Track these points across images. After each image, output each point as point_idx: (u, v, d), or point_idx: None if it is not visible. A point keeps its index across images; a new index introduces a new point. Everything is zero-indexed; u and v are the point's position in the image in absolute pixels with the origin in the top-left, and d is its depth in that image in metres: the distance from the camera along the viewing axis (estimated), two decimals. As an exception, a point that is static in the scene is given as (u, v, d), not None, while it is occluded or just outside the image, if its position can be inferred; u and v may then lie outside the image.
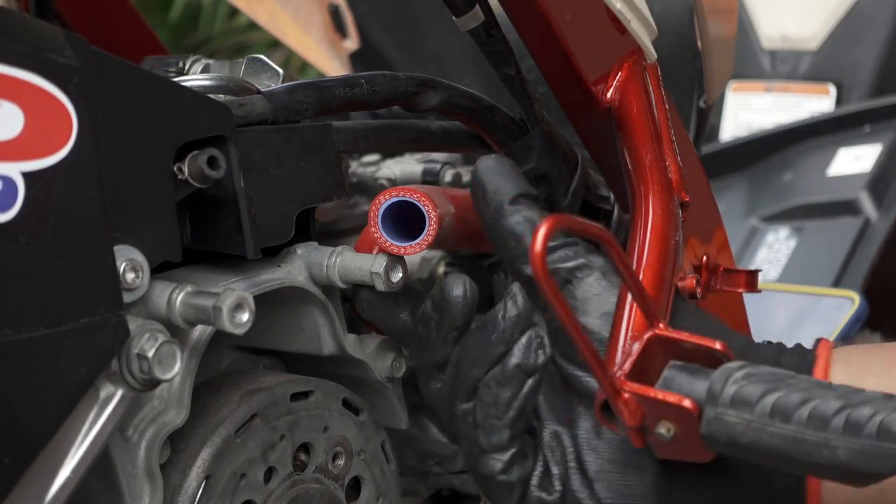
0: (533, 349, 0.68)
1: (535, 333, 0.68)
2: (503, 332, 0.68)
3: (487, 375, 0.68)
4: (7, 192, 0.54)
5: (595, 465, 0.69)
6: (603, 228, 0.58)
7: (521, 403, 0.68)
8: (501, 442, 0.68)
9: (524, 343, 0.68)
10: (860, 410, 0.54)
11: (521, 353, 0.68)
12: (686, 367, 0.60)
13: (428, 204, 0.71)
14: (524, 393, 0.68)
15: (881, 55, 2.06)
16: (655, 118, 0.81)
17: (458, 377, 0.70)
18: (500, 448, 0.68)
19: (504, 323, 0.68)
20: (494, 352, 0.68)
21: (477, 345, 0.69)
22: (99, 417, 0.60)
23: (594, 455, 0.69)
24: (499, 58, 0.81)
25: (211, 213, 0.69)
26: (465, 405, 0.69)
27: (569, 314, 0.56)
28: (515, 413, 0.68)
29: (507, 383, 0.68)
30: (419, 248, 0.71)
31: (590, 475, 0.69)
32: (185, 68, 0.85)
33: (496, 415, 0.68)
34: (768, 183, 1.86)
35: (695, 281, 0.83)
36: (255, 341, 0.77)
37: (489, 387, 0.68)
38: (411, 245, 0.71)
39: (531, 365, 0.68)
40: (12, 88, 0.55)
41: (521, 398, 0.68)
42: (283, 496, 0.71)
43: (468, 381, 0.69)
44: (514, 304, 0.68)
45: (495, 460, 0.68)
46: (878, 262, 1.64)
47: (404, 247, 0.71)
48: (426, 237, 0.71)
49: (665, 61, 0.87)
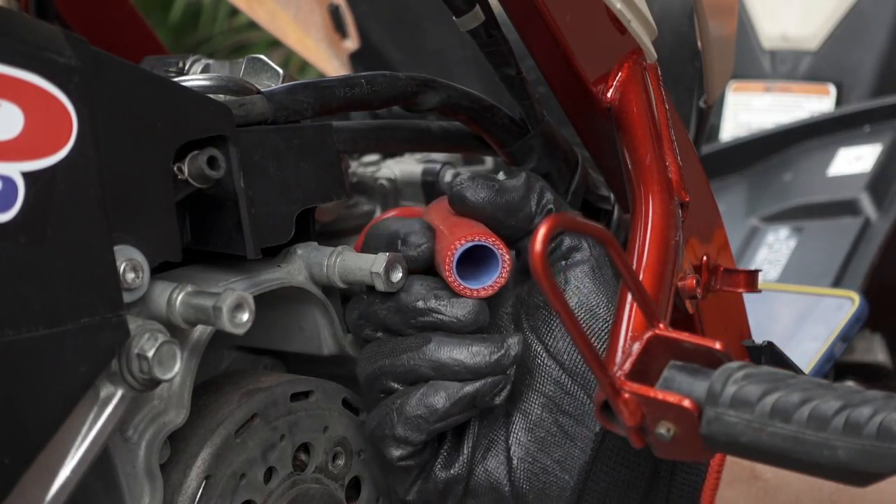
0: (496, 390, 0.69)
1: (505, 380, 0.69)
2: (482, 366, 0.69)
3: (441, 383, 0.69)
4: (7, 192, 0.54)
5: (521, 449, 0.71)
6: (603, 228, 0.58)
7: (451, 422, 0.70)
8: (413, 440, 0.70)
9: (493, 381, 0.69)
10: (860, 410, 0.54)
11: (487, 387, 0.69)
12: (686, 367, 0.60)
13: (501, 248, 0.71)
14: (460, 417, 0.70)
15: (881, 55, 2.06)
16: (655, 118, 0.81)
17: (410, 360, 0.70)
18: (409, 443, 0.70)
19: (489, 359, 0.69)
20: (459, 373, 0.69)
21: (448, 352, 0.70)
22: (99, 417, 0.60)
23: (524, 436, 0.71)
24: (499, 58, 0.81)
25: (211, 213, 0.69)
26: (394, 384, 0.71)
27: (569, 314, 0.56)
28: (442, 426, 0.70)
29: (457, 402, 0.69)
30: (492, 291, 0.71)
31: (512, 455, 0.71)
32: (185, 68, 0.85)
33: (426, 417, 0.69)
34: (768, 183, 1.86)
35: (695, 281, 0.83)
36: (255, 341, 0.77)
37: (436, 392, 0.69)
38: (484, 288, 0.71)
39: (485, 401, 0.70)
40: (12, 88, 0.55)
41: (455, 419, 0.70)
42: (283, 496, 0.71)
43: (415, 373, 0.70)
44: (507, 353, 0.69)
45: (398, 449, 0.70)
46: (878, 262, 1.64)
47: (478, 289, 0.71)
48: (499, 279, 0.71)
49: (665, 61, 0.87)
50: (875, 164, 1.76)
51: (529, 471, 0.71)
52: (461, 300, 0.71)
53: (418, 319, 0.71)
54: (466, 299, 0.71)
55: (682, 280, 0.82)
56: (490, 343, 0.70)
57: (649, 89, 0.82)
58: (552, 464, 0.71)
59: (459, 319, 0.70)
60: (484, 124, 0.84)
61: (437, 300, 0.71)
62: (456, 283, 0.71)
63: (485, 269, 0.72)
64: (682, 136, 0.88)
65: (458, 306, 0.70)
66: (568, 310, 0.56)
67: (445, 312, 0.70)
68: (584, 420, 0.71)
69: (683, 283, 0.83)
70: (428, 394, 0.70)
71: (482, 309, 0.71)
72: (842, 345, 1.42)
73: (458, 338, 0.70)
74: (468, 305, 0.71)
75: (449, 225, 0.73)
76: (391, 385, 0.71)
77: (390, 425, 0.70)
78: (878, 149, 1.79)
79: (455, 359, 0.69)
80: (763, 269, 1.67)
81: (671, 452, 0.61)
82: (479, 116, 0.84)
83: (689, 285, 0.83)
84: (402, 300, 0.71)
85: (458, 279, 0.71)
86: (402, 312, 0.71)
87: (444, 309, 0.70)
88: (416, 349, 0.70)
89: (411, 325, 0.71)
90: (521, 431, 0.72)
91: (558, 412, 0.72)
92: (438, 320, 0.71)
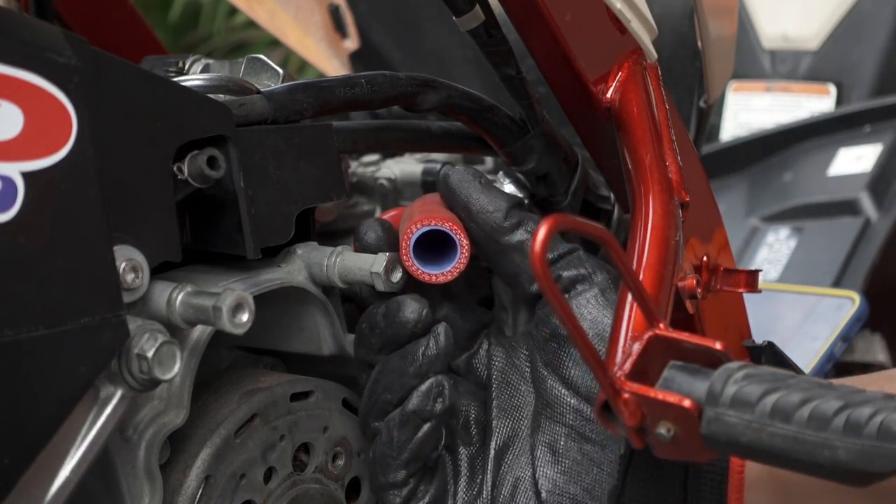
0: (432, 397, 0.70)
1: (436, 381, 0.70)
2: (419, 367, 0.70)
3: (389, 415, 0.70)
4: (7, 192, 0.54)
5: (548, 482, 0.71)
6: (603, 228, 0.57)
7: (415, 446, 0.70)
8: (396, 480, 0.71)
9: (424, 390, 0.70)
10: (861, 410, 0.54)
11: (420, 399, 0.70)
12: (686, 368, 0.60)
13: (460, 233, 0.71)
14: (419, 437, 0.70)
15: (881, 55, 2.06)
16: (655, 118, 0.81)
17: (373, 395, 0.71)
18: (396, 485, 0.71)
19: (421, 359, 0.70)
20: (407, 384, 0.70)
21: (394, 371, 0.71)
22: (99, 417, 0.60)
23: (550, 469, 0.71)
24: (499, 58, 0.81)
25: (211, 213, 0.69)
26: (377, 423, 0.72)
27: (570, 314, 0.56)
28: (410, 455, 0.70)
29: (403, 426, 0.70)
30: (450, 276, 0.72)
31: (540, 489, 0.71)
32: (185, 68, 0.85)
33: (391, 454, 0.70)
34: (768, 183, 1.86)
35: (695, 281, 0.83)
36: (255, 341, 0.77)
37: (388, 426, 0.70)
38: (443, 273, 0.72)
39: (427, 412, 0.70)
40: (12, 88, 0.55)
41: (415, 441, 0.70)
42: (282, 496, 0.71)
43: (380, 403, 0.71)
44: (435, 342, 0.70)
45: (394, 495, 0.71)
46: (878, 262, 1.63)
47: (435, 274, 0.71)
48: (458, 265, 0.72)
49: (665, 61, 0.87)
50: (875, 164, 1.76)
51: (559, 503, 0.71)
52: (395, 305, 0.71)
53: (373, 343, 0.72)
54: (400, 302, 0.71)
55: (682, 280, 0.82)
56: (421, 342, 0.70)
57: (649, 89, 0.82)
58: (581, 493, 0.70)
59: (401, 325, 0.70)
60: (484, 124, 0.84)
61: (375, 318, 0.71)
62: (413, 268, 0.71)
63: (449, 257, 0.72)
64: (682, 136, 0.88)
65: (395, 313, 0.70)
66: (568, 310, 0.56)
67: (386, 326, 0.71)
68: (609, 445, 0.71)
69: (683, 283, 0.83)
70: (383, 432, 0.71)
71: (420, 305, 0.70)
72: (842, 345, 1.42)
73: (399, 350, 0.71)
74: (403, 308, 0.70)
75: (412, 213, 0.74)
76: (375, 426, 0.72)
77: (375, 478, 0.71)
78: (878, 149, 1.79)
79: (396, 373, 0.70)
80: (763, 269, 1.67)
81: (671, 453, 0.61)
82: (479, 116, 0.84)
83: (689, 285, 0.83)
84: (358, 332, 0.73)
85: (414, 262, 0.71)
86: (361, 344, 0.73)
87: (384, 322, 0.71)
88: (373, 380, 0.71)
89: (374, 350, 0.72)
90: (547, 465, 0.71)
91: (582, 440, 0.71)
92: (388, 336, 0.71)
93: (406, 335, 0.71)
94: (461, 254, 0.71)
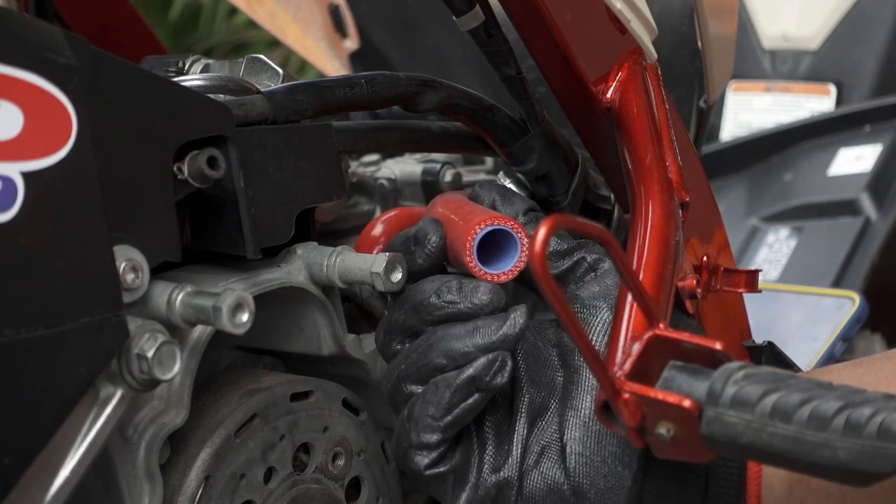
0: (494, 369, 0.69)
1: (503, 355, 0.69)
2: (492, 342, 0.69)
3: (439, 376, 0.69)
4: (7, 192, 0.54)
5: (577, 446, 0.70)
6: (603, 228, 0.57)
7: (460, 412, 0.69)
8: (430, 442, 0.69)
9: (488, 360, 0.69)
10: (860, 411, 0.54)
11: (482, 367, 0.69)
12: (686, 368, 0.60)
13: (520, 231, 0.71)
14: (468, 404, 0.69)
15: (881, 55, 2.06)
16: (655, 118, 0.81)
17: (424, 357, 0.70)
18: (428, 447, 0.70)
19: (495, 335, 0.69)
20: (472, 355, 0.69)
21: (458, 339, 0.70)
22: (98, 417, 0.60)
23: (578, 432, 0.70)
24: (499, 58, 0.81)
25: (211, 213, 0.69)
26: (414, 387, 0.71)
27: (570, 314, 0.56)
28: (453, 419, 0.69)
29: (458, 390, 0.69)
30: (511, 275, 0.71)
31: (568, 454, 0.70)
32: (185, 68, 0.85)
33: (434, 415, 0.69)
34: (768, 183, 1.86)
35: (695, 281, 0.83)
36: (255, 341, 0.77)
37: (437, 386, 0.69)
38: (503, 273, 0.71)
39: (485, 382, 0.69)
40: (12, 88, 0.55)
41: (462, 408, 0.69)
42: (282, 496, 0.71)
43: (429, 367, 0.70)
44: (513, 323, 0.69)
45: (422, 456, 0.70)
46: (878, 262, 1.64)
47: (497, 274, 0.71)
48: (518, 263, 0.71)
49: (665, 61, 0.87)
50: (875, 164, 1.76)
51: (587, 465, 0.70)
52: (473, 285, 0.70)
53: (434, 314, 0.71)
54: (478, 283, 0.70)
55: (682, 280, 0.82)
56: (494, 319, 0.69)
57: (649, 89, 0.82)
58: (609, 456, 0.70)
59: (476, 305, 0.70)
60: (484, 124, 0.84)
61: (449, 292, 0.71)
62: (477, 269, 0.71)
63: (501, 255, 0.72)
64: (682, 136, 0.88)
65: (472, 293, 0.70)
66: (568, 309, 0.56)
67: (460, 301, 0.70)
68: None
69: (683, 283, 0.83)
70: (429, 391, 0.69)
71: (497, 290, 0.71)
72: (842, 345, 1.42)
73: (464, 323, 0.70)
74: (481, 289, 0.70)
75: (463, 214, 0.73)
76: (411, 389, 0.71)
77: (406, 436, 0.70)
78: (878, 149, 1.79)
79: (461, 342, 0.69)
80: (763, 269, 1.67)
81: (671, 453, 0.61)
82: (479, 116, 0.84)
83: (689, 285, 0.83)
84: (417, 299, 0.71)
85: (478, 264, 0.71)
86: (419, 312, 0.71)
87: (459, 298, 0.70)
88: (426, 345, 0.70)
89: (429, 321, 0.71)
90: (576, 429, 0.70)
91: None
92: (456, 310, 0.70)
93: (473, 315, 0.70)
94: (521, 251, 0.71)
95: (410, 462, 0.70)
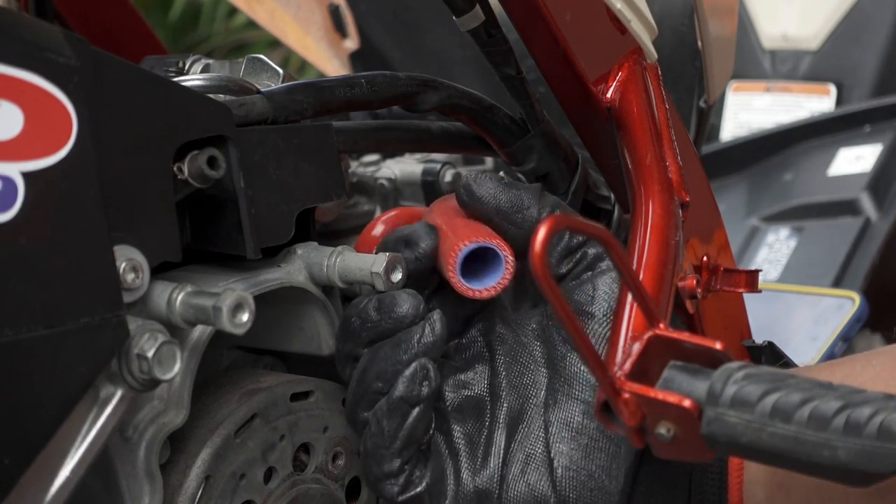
0: (418, 381, 0.70)
1: (420, 365, 0.70)
2: (414, 354, 0.70)
3: (376, 406, 0.70)
4: (7, 192, 0.54)
5: (564, 459, 0.70)
6: (603, 228, 0.57)
7: (407, 433, 0.70)
8: (392, 470, 0.70)
9: (409, 375, 0.70)
10: (861, 410, 0.54)
11: (406, 385, 0.70)
12: (686, 368, 0.60)
13: (505, 249, 0.71)
14: (409, 423, 0.70)
15: (881, 55, 2.06)
16: (655, 118, 0.81)
17: (362, 385, 0.71)
18: (392, 475, 0.70)
19: (417, 347, 0.70)
20: (401, 371, 0.70)
21: (386, 359, 0.70)
22: (99, 417, 0.60)
23: (566, 445, 0.70)
24: (499, 58, 0.81)
25: (211, 213, 0.69)
26: (366, 413, 0.71)
27: (569, 314, 0.56)
28: (402, 442, 0.70)
29: (392, 415, 0.70)
30: (495, 292, 0.71)
31: (555, 466, 0.70)
32: (185, 68, 0.85)
33: (383, 445, 0.70)
34: (768, 183, 1.86)
35: (695, 281, 0.83)
36: (255, 341, 0.77)
37: (376, 417, 0.70)
38: (486, 289, 0.71)
39: (414, 397, 0.70)
40: (12, 88, 0.55)
41: (406, 428, 0.70)
42: (282, 496, 0.71)
43: (370, 392, 0.71)
44: (431, 330, 0.70)
45: (391, 485, 0.71)
46: (878, 262, 1.64)
47: (480, 290, 0.71)
48: (503, 280, 0.71)
49: (665, 61, 0.87)
50: (875, 164, 1.76)
51: (575, 479, 0.70)
52: (390, 299, 0.71)
53: (363, 337, 0.71)
54: (395, 296, 0.71)
55: (682, 280, 0.82)
56: (415, 330, 0.70)
57: (649, 89, 0.82)
58: (597, 470, 0.70)
59: (395, 318, 0.70)
60: (484, 124, 0.84)
61: (369, 311, 0.71)
62: (459, 284, 0.71)
63: (488, 270, 0.72)
64: (682, 136, 0.88)
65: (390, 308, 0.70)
66: (568, 310, 0.56)
67: (381, 319, 0.71)
68: None
69: (684, 283, 0.83)
70: (372, 423, 0.70)
71: (414, 298, 0.71)
72: (842, 345, 1.42)
73: (390, 339, 0.71)
74: (397, 301, 0.70)
75: (453, 226, 0.73)
76: (364, 416, 0.71)
77: (370, 470, 0.71)
78: (878, 149, 1.79)
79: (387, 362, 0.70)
80: (763, 269, 1.67)
81: (671, 453, 0.61)
82: (479, 116, 0.84)
83: (689, 285, 0.83)
84: (345, 326, 0.73)
85: (461, 280, 0.71)
86: (351, 337, 0.72)
87: (379, 316, 0.71)
88: (362, 370, 0.71)
89: (361, 344, 0.72)
90: (563, 441, 0.70)
91: None
92: (381, 329, 0.71)
93: (396, 329, 0.71)
94: (506, 269, 0.71)
95: (382, 492, 0.71)
